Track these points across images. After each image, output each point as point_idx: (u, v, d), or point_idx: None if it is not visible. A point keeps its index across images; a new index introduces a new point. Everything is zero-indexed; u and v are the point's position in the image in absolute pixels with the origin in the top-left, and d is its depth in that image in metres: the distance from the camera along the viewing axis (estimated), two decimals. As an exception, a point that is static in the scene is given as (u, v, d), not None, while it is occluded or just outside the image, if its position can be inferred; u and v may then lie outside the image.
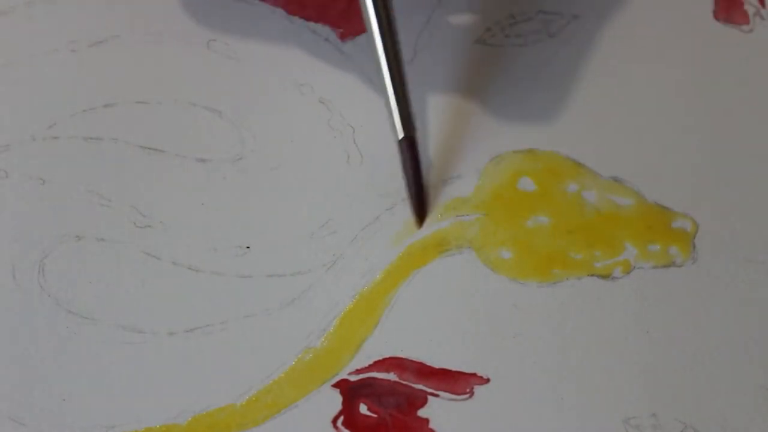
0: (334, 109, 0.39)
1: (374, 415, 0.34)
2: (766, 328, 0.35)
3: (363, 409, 0.34)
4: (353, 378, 0.34)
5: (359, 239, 0.36)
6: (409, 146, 0.34)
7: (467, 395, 0.34)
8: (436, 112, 0.38)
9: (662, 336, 0.35)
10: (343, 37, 0.40)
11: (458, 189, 0.37)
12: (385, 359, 0.35)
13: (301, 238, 0.36)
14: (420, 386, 0.34)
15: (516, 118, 0.38)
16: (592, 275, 0.36)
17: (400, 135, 0.34)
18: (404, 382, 0.34)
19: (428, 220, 0.37)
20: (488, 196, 0.37)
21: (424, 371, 0.34)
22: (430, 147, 0.38)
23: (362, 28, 0.40)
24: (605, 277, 0.36)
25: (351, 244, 0.36)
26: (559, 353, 0.35)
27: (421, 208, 0.36)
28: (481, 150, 0.38)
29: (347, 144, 0.38)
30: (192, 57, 0.40)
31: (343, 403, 0.34)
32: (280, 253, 0.36)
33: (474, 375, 0.34)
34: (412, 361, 0.35)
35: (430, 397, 0.34)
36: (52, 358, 0.34)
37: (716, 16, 0.41)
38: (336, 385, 0.34)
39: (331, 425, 0.34)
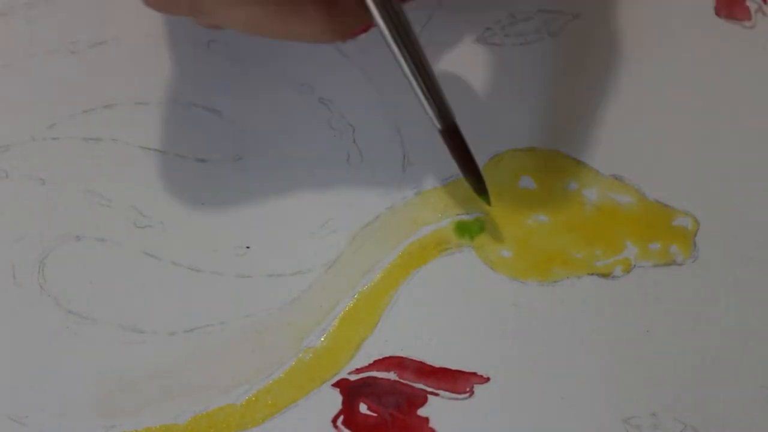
0: (334, 109, 0.39)
1: (374, 415, 0.34)
2: (767, 327, 0.35)
3: (363, 408, 0.34)
4: (353, 377, 0.34)
5: (359, 239, 0.36)
6: (453, 134, 0.33)
7: (467, 394, 0.34)
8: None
9: (663, 335, 0.35)
10: (343, 36, 0.40)
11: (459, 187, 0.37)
12: (385, 358, 0.35)
13: (301, 238, 0.36)
14: (420, 385, 0.34)
15: (516, 117, 0.38)
16: (593, 274, 0.36)
17: (439, 126, 0.33)
18: (404, 382, 0.34)
19: (428, 219, 0.37)
20: (489, 195, 0.37)
21: (424, 370, 0.34)
22: (431, 144, 0.38)
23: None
24: (606, 275, 0.36)
25: (351, 244, 0.36)
26: (559, 352, 0.35)
27: (481, 185, 0.35)
28: (481, 148, 0.38)
29: (347, 143, 0.38)
30: (192, 57, 0.40)
31: (343, 402, 0.34)
32: (280, 253, 0.36)
33: (474, 374, 0.34)
34: (412, 360, 0.35)
35: (430, 397, 0.34)
36: (52, 358, 0.34)
37: (717, 12, 0.41)
38: (336, 385, 0.34)
39: (331, 425, 0.34)
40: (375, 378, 0.34)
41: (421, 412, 0.34)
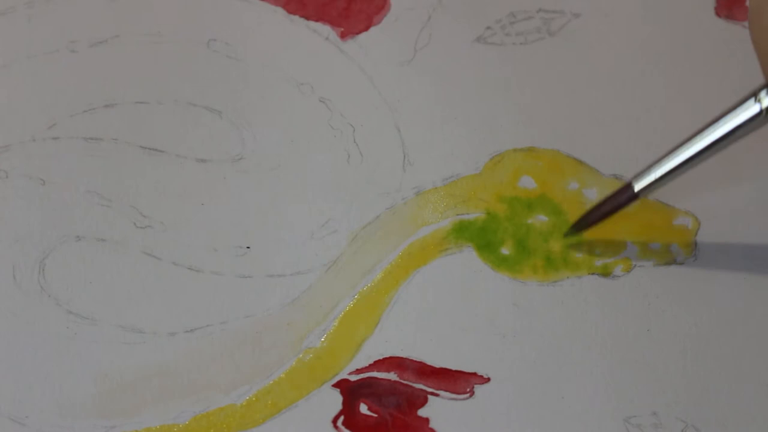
0: (334, 109, 0.39)
1: (374, 415, 0.34)
2: (767, 325, 0.35)
3: (363, 408, 0.34)
4: (353, 378, 0.34)
5: (359, 239, 0.36)
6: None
7: (467, 395, 0.34)
8: (436, 111, 0.38)
9: (663, 334, 0.35)
10: (343, 36, 0.40)
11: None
12: (385, 359, 0.35)
13: (301, 238, 0.36)
14: (420, 386, 0.34)
15: (516, 116, 0.38)
16: (593, 274, 0.36)
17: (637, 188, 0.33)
18: (404, 382, 0.34)
19: (428, 219, 0.37)
20: (489, 195, 0.37)
21: (425, 371, 0.34)
22: (431, 144, 0.38)
23: (362, 26, 0.40)
24: (606, 275, 0.36)
25: (351, 244, 0.36)
26: (559, 352, 0.35)
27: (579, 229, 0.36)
28: (481, 148, 0.38)
29: (347, 143, 0.38)
30: (192, 57, 0.40)
31: (344, 403, 0.34)
32: (280, 253, 0.36)
33: (474, 374, 0.34)
34: (412, 360, 0.35)
35: (430, 397, 0.34)
36: (52, 358, 0.34)
37: (718, 12, 0.41)
38: (336, 385, 0.34)
39: (332, 425, 0.34)
40: (375, 378, 0.34)
41: (422, 412, 0.34)
